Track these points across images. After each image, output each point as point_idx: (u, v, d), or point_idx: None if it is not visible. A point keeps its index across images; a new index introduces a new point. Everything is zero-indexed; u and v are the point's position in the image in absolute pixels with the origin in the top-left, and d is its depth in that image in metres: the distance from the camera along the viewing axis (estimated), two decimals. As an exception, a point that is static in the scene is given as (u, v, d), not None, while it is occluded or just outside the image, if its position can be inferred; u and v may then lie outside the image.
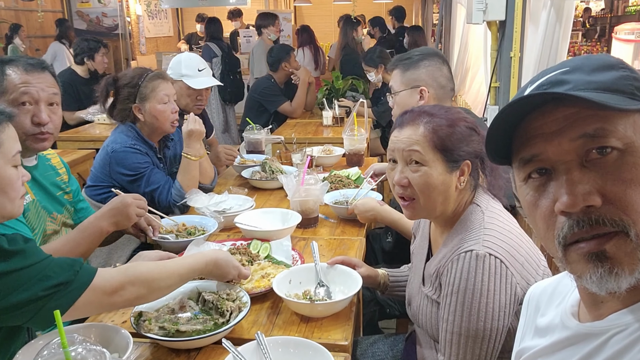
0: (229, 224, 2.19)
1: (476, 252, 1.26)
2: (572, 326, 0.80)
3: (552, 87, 0.73)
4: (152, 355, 1.40)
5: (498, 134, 0.79)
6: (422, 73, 2.16)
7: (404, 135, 1.41)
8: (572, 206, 0.70)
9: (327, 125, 4.37)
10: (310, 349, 1.29)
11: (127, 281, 1.33)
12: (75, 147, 4.20)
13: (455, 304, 1.28)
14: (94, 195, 2.48)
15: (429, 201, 1.40)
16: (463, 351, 1.28)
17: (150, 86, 2.43)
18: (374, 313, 2.29)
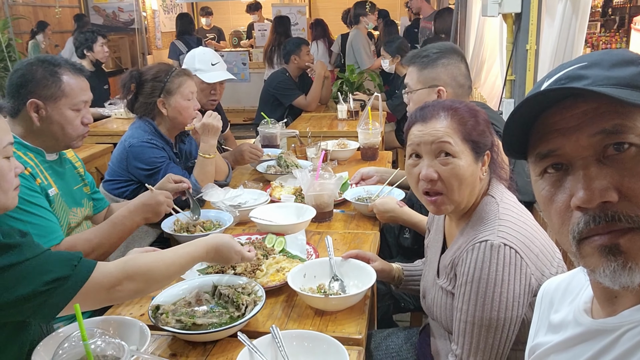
0: (244, 218, 2.21)
1: (491, 242, 1.27)
2: (585, 323, 0.80)
3: (570, 82, 0.73)
4: (169, 348, 1.42)
5: (515, 129, 0.78)
6: (440, 72, 2.12)
7: (430, 127, 1.39)
8: (589, 202, 0.70)
9: (342, 119, 4.38)
10: (324, 342, 1.30)
11: (125, 276, 1.33)
12: (93, 142, 4.25)
13: (469, 293, 1.29)
14: (112, 189, 2.51)
15: (457, 194, 1.39)
16: (476, 340, 1.28)
17: (177, 82, 2.47)
18: (388, 307, 2.30)
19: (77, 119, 1.87)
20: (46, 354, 1.27)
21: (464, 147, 1.37)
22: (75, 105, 1.85)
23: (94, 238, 1.85)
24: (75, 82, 1.85)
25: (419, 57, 2.17)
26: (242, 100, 8.40)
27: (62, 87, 1.81)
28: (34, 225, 1.72)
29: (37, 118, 1.80)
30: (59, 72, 1.82)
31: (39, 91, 1.79)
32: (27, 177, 1.76)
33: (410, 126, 1.45)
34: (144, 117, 2.52)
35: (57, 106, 1.82)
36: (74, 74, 1.85)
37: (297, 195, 2.44)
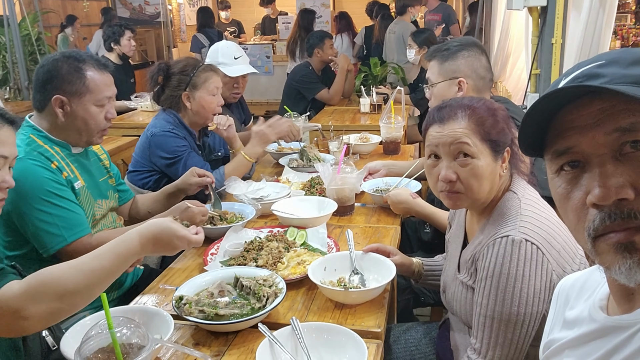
0: (267, 211, 2.24)
1: (512, 238, 1.27)
2: (600, 319, 0.80)
3: (587, 80, 0.73)
4: (192, 337, 1.46)
5: (531, 126, 0.79)
6: (460, 64, 2.14)
7: (448, 129, 1.38)
8: (605, 199, 0.70)
9: (365, 112, 4.38)
10: (343, 335, 1.32)
11: (30, 297, 1.15)
12: (120, 134, 4.33)
13: (489, 288, 1.29)
14: (136, 180, 2.57)
15: (477, 192, 1.39)
16: (495, 335, 1.29)
17: (203, 77, 2.52)
18: (408, 301, 2.31)
19: (101, 114, 1.90)
20: (74, 340, 1.32)
21: (483, 147, 1.37)
22: (99, 101, 1.88)
23: None
24: (99, 77, 1.88)
25: (440, 51, 2.18)
26: (266, 93, 8.43)
27: (87, 84, 1.85)
28: (60, 217, 1.77)
29: (62, 113, 1.85)
30: (84, 68, 1.85)
31: (63, 87, 1.83)
32: (53, 170, 1.81)
33: (428, 127, 1.45)
34: (168, 110, 2.57)
35: (81, 102, 1.85)
36: (98, 69, 1.89)
37: (307, 190, 2.46)
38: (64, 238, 1.76)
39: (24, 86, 5.91)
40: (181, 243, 1.35)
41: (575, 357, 0.83)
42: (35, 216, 1.75)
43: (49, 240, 1.76)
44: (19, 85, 5.94)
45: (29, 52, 6.02)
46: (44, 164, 1.80)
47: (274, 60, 8.43)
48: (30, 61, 6.00)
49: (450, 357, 1.59)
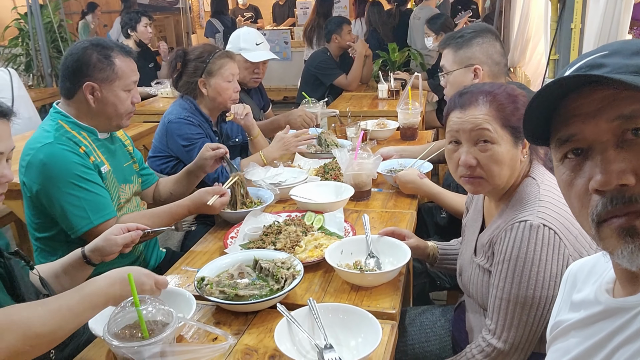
0: (285, 195, 2.29)
1: (530, 222, 1.30)
2: (605, 301, 0.83)
3: (590, 70, 0.75)
4: (213, 317, 1.51)
5: (536, 116, 0.82)
6: (475, 51, 2.15)
7: (469, 115, 1.41)
8: (606, 184, 0.72)
9: (383, 98, 4.38)
10: (358, 315, 1.36)
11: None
12: (141, 121, 4.41)
13: (506, 271, 1.32)
14: (155, 165, 2.64)
15: (498, 178, 1.42)
16: (511, 317, 1.33)
17: (218, 63, 2.56)
18: (424, 285, 2.35)
19: (129, 99, 1.97)
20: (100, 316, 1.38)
21: (503, 132, 1.39)
22: (127, 86, 1.95)
23: (152, 225, 1.92)
24: (126, 64, 1.95)
25: (454, 38, 2.19)
26: (284, 79, 8.46)
27: (116, 70, 1.91)
28: (87, 201, 1.83)
29: (93, 100, 1.91)
30: (112, 55, 1.92)
31: (94, 74, 1.89)
32: (81, 154, 1.88)
33: (449, 112, 1.47)
34: (186, 96, 2.63)
35: (111, 88, 1.92)
36: (124, 56, 1.95)
37: (321, 176, 2.50)
38: (90, 221, 1.83)
39: (47, 73, 6.02)
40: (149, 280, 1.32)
41: (581, 338, 0.86)
42: (64, 199, 1.82)
43: (76, 222, 1.83)
44: (42, 73, 6.06)
45: (51, 39, 6.12)
46: (72, 148, 1.87)
47: (292, 46, 8.44)
48: (52, 49, 6.11)
49: (465, 338, 1.63)
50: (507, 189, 1.46)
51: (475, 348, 1.40)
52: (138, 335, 1.15)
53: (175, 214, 1.97)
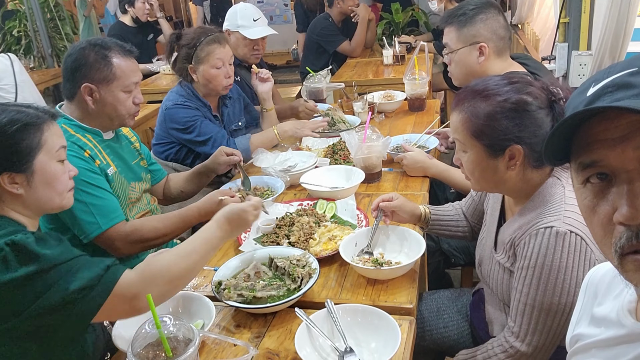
0: (295, 181, 2.28)
1: (557, 229, 1.26)
2: (628, 325, 0.82)
3: (617, 90, 0.70)
4: (232, 319, 1.53)
5: (557, 139, 0.77)
6: (480, 28, 2.08)
7: (453, 119, 1.43)
8: (633, 219, 0.69)
9: (388, 64, 4.31)
10: (376, 316, 1.37)
11: (147, 282, 1.30)
12: (145, 101, 4.36)
13: (531, 277, 1.30)
14: (159, 152, 2.64)
15: (480, 181, 1.44)
16: (535, 322, 1.32)
17: (206, 50, 2.51)
18: (438, 263, 2.36)
19: (129, 99, 1.94)
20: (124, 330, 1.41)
21: (472, 142, 1.38)
22: (126, 87, 1.91)
23: (162, 228, 1.93)
24: (125, 64, 1.91)
25: (456, 16, 2.12)
26: (288, 42, 8.31)
27: (114, 71, 1.87)
28: (95, 206, 1.83)
29: (92, 101, 1.88)
30: (110, 55, 1.88)
31: (92, 75, 1.86)
32: (86, 159, 1.87)
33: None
34: (183, 82, 2.60)
35: (109, 89, 1.88)
36: (123, 56, 1.91)
37: (330, 157, 2.49)
38: (99, 225, 1.83)
39: (47, 54, 5.95)
40: (248, 215, 1.53)
41: (602, 358, 0.85)
42: (72, 205, 1.82)
43: (86, 227, 1.83)
44: (42, 53, 5.99)
45: (48, 18, 6.03)
46: (77, 153, 1.85)
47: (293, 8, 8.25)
48: (51, 28, 6.02)
49: (484, 328, 1.64)
50: (520, 190, 1.42)
51: (498, 347, 1.40)
52: (162, 356, 1.16)
53: (186, 217, 1.95)
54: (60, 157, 1.43)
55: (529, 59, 2.27)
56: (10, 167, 1.32)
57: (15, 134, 1.32)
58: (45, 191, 1.39)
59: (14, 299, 1.16)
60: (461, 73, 2.19)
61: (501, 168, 1.37)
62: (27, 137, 1.34)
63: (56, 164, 1.42)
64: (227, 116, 2.77)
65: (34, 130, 1.36)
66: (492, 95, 1.34)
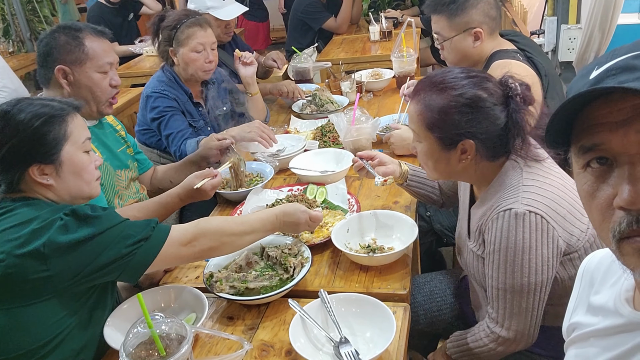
0: (284, 165, 2.25)
1: (515, 211, 1.27)
2: (626, 314, 0.81)
3: (621, 72, 0.68)
4: (225, 311, 1.52)
5: (558, 123, 0.75)
6: (472, 14, 2.03)
7: (410, 109, 1.44)
8: (634, 203, 0.68)
9: (375, 40, 4.25)
10: (371, 305, 1.36)
11: (199, 233, 1.43)
12: (129, 84, 4.28)
13: (498, 261, 1.32)
14: (143, 139, 2.58)
15: (434, 171, 1.47)
16: (510, 305, 1.33)
17: (186, 32, 2.44)
18: (431, 243, 2.36)
19: (105, 80, 1.88)
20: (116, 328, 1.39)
21: (426, 134, 1.39)
22: (100, 68, 1.86)
23: (142, 217, 1.85)
24: (97, 44, 1.86)
25: (445, 4, 2.05)
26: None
27: (86, 51, 1.83)
28: None
29: (66, 84, 1.83)
30: (81, 36, 1.83)
31: (64, 57, 1.81)
32: None
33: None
34: (165, 66, 2.54)
35: (83, 70, 1.84)
36: (96, 36, 1.86)
37: (319, 139, 2.45)
38: None
39: (26, 37, 5.82)
40: (303, 215, 1.58)
41: (600, 348, 0.85)
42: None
43: None
44: (21, 37, 5.85)
45: (26, 1, 5.87)
46: None
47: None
48: (29, 11, 5.86)
49: (472, 314, 1.65)
50: (477, 177, 1.44)
51: (482, 332, 1.41)
52: (155, 355, 1.15)
53: (167, 204, 1.89)
54: (86, 148, 1.46)
55: (518, 36, 2.24)
56: (38, 159, 1.35)
57: (42, 127, 1.35)
58: (74, 181, 1.42)
59: (76, 258, 1.25)
60: (456, 58, 2.15)
61: (453, 161, 1.39)
62: (52, 128, 1.37)
63: (82, 154, 1.44)
64: (210, 101, 2.71)
65: (59, 122, 1.38)
66: (447, 89, 1.34)
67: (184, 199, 1.90)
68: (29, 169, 1.34)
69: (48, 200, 1.38)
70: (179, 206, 1.93)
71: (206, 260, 1.66)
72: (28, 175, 1.34)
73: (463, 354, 1.47)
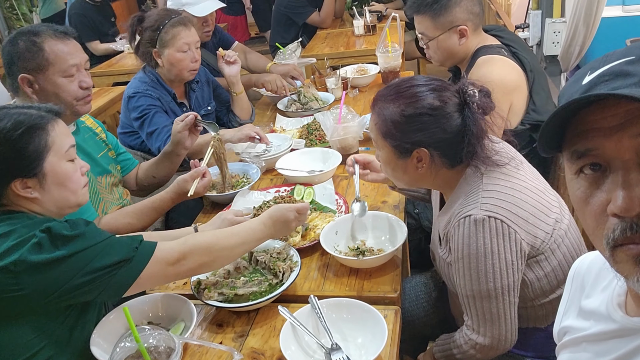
0: (271, 165, 2.23)
1: (474, 217, 1.27)
2: (618, 319, 0.80)
3: (614, 78, 0.67)
4: (214, 318, 1.50)
5: (551, 128, 0.74)
6: (456, 12, 2.01)
7: (371, 117, 1.44)
8: (628, 210, 0.66)
9: (359, 34, 4.22)
10: (362, 310, 1.35)
11: (188, 251, 1.35)
12: (110, 82, 4.22)
13: (463, 269, 1.32)
14: (126, 142, 2.54)
15: (395, 179, 1.48)
16: (481, 311, 1.33)
17: (171, 32, 2.39)
18: (420, 240, 2.34)
19: (72, 84, 1.79)
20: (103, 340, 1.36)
21: (383, 142, 1.39)
22: (65, 72, 1.77)
23: (137, 223, 1.86)
24: (59, 47, 1.77)
25: (428, 5, 2.03)
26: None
27: (46, 56, 1.74)
28: None
29: (32, 92, 1.77)
30: (39, 41, 1.74)
31: (25, 65, 1.74)
32: None
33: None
34: (147, 67, 2.49)
35: (46, 76, 1.76)
36: (57, 39, 1.77)
37: (305, 138, 2.43)
38: None
39: (4, 35, 5.70)
40: (291, 214, 1.53)
41: (592, 353, 0.84)
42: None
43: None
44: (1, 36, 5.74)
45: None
46: None
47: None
48: (6, 8, 5.75)
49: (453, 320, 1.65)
50: (439, 185, 1.44)
51: (461, 339, 1.41)
52: (142, 369, 1.13)
53: (159, 208, 1.88)
54: (70, 157, 1.40)
55: (502, 31, 2.23)
56: (20, 173, 1.30)
57: (21, 139, 1.28)
58: (59, 192, 1.37)
59: (49, 278, 1.19)
60: (442, 56, 2.14)
61: (410, 169, 1.39)
62: (33, 140, 1.30)
63: (66, 163, 1.38)
64: (195, 101, 2.67)
65: (39, 133, 1.32)
66: (401, 98, 1.34)
67: (175, 200, 1.90)
68: (11, 184, 1.28)
69: (32, 214, 1.33)
70: (171, 207, 1.93)
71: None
72: (10, 190, 1.29)
73: (448, 358, 1.47)
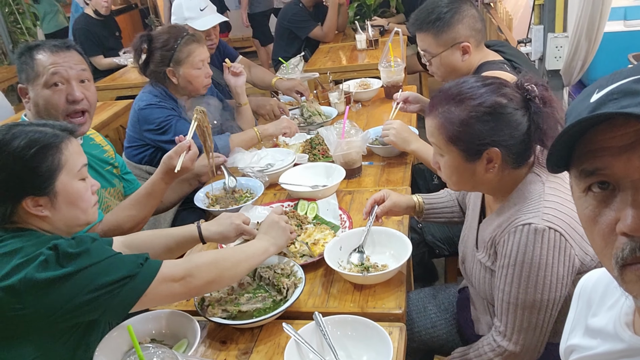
0: (274, 180, 2.23)
1: (535, 226, 1.25)
2: (627, 338, 0.80)
3: (622, 97, 0.66)
4: (218, 335, 1.49)
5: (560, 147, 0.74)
6: (459, 29, 2.03)
7: (428, 124, 1.41)
8: (637, 230, 0.66)
9: (362, 49, 4.24)
10: (367, 327, 1.34)
11: (193, 267, 1.35)
12: (114, 96, 4.23)
13: (512, 276, 1.30)
14: (132, 155, 2.54)
15: (459, 184, 1.43)
16: (520, 320, 1.31)
17: (185, 51, 2.41)
18: (423, 254, 2.34)
19: (56, 95, 1.77)
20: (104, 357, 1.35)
21: (449, 148, 1.36)
22: (47, 82, 1.75)
23: (137, 213, 1.86)
24: (48, 58, 1.75)
25: (430, 22, 2.05)
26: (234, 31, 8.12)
27: (34, 67, 1.75)
28: None
29: (26, 102, 1.80)
30: (34, 52, 1.76)
31: (20, 76, 1.77)
32: None
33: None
34: (155, 83, 2.50)
35: (34, 88, 1.77)
36: (51, 51, 1.77)
37: (309, 153, 2.44)
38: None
39: (8, 49, 5.74)
40: (274, 216, 1.60)
41: None
42: None
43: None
44: (3, 50, 5.78)
45: (7, 13, 5.79)
46: None
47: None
48: (11, 22, 5.79)
49: (471, 326, 1.63)
50: (498, 189, 1.41)
51: (487, 346, 1.39)
52: (146, 387, 1.12)
53: (154, 192, 1.86)
54: (82, 176, 1.40)
55: (504, 46, 2.24)
56: (32, 191, 1.30)
57: (34, 158, 1.29)
58: (70, 211, 1.38)
59: (52, 296, 1.18)
60: (445, 73, 2.14)
61: (479, 171, 1.36)
62: (46, 159, 1.31)
63: (78, 182, 1.39)
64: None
65: (53, 152, 1.32)
66: (466, 100, 1.32)
67: (168, 181, 1.88)
68: (22, 202, 1.29)
69: (41, 231, 1.33)
70: (165, 190, 1.92)
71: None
72: (21, 208, 1.29)
73: None
